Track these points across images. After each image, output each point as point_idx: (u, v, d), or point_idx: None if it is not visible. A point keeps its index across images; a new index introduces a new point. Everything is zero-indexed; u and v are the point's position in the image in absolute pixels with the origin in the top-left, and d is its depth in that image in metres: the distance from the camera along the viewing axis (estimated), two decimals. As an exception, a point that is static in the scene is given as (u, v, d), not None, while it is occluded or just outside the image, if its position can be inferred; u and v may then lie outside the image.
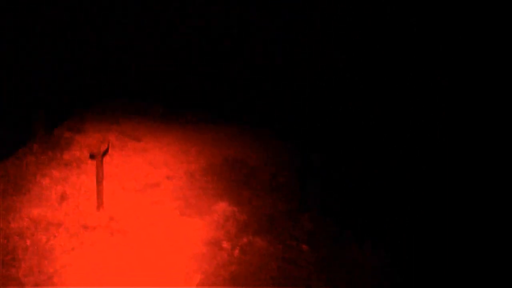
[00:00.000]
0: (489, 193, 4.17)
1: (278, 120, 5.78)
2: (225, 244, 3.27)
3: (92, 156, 3.40)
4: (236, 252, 3.21)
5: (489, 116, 5.04)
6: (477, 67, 5.33)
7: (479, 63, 5.33)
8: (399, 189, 4.29)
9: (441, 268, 3.29)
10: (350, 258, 3.23)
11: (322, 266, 3.12)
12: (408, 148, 5.10)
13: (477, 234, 3.66)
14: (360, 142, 5.34)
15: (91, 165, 3.97)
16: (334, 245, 3.38)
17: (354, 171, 4.60)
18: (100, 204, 3.54)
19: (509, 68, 5.03)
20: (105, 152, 3.52)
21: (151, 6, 6.92)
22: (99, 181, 3.52)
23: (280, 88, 6.71)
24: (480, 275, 3.22)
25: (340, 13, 6.91)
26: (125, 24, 6.98)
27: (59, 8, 5.25)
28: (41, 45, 4.90)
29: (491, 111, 5.04)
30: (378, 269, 3.13)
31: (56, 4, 5.16)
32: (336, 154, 4.95)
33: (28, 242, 3.01)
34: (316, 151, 4.94)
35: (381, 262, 3.19)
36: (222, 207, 3.74)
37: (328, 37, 7.02)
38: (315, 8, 7.07)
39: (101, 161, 3.49)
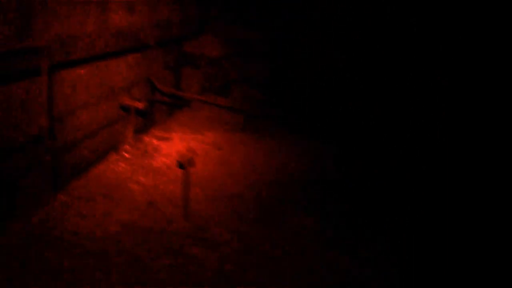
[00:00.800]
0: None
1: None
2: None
3: (180, 166, 3.47)
4: (323, 270, 3.14)
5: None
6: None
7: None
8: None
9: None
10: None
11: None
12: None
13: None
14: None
15: (178, 173, 4.06)
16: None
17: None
18: (186, 212, 3.60)
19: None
20: (192, 162, 3.59)
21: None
22: (185, 190, 3.59)
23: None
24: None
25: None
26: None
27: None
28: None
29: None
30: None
31: None
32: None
33: (120, 247, 3.11)
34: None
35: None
36: (307, 222, 3.68)
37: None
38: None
39: (188, 171, 3.56)
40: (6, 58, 3.11)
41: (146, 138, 4.84)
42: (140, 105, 4.48)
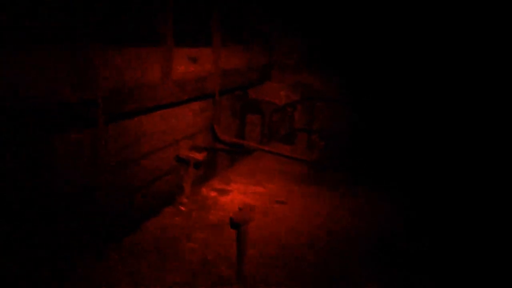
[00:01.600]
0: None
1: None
2: None
3: (233, 225, 3.23)
4: None
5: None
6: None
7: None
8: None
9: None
10: None
11: None
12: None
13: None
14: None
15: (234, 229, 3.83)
16: None
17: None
18: (240, 274, 3.33)
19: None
20: (248, 220, 3.33)
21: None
22: (241, 250, 3.33)
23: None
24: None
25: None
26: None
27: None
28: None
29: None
30: None
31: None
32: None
33: (166, 313, 2.89)
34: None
35: None
36: (372, 291, 3.28)
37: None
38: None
39: (245, 230, 3.31)
40: (62, 110, 3.08)
41: (204, 190, 4.67)
42: (199, 157, 4.34)
